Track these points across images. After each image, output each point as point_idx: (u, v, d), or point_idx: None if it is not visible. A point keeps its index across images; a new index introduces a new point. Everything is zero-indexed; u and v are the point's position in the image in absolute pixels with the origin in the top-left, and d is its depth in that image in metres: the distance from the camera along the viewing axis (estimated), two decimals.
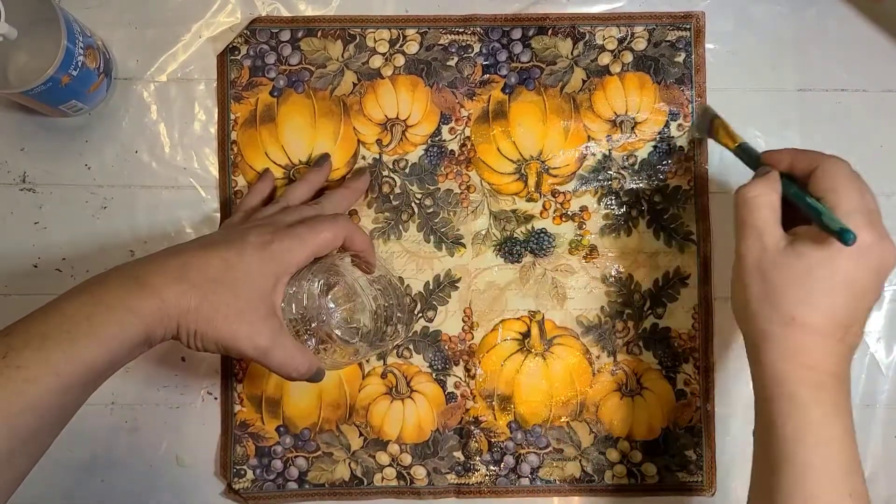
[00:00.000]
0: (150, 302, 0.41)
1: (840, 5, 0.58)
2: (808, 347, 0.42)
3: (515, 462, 0.57)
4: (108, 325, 0.39)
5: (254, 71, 0.57)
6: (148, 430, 0.57)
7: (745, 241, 0.45)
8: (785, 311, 0.42)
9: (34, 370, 0.37)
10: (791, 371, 0.42)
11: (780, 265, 0.43)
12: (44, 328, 0.39)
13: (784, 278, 0.42)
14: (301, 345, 0.47)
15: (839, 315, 0.42)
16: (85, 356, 0.39)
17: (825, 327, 0.42)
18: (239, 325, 0.43)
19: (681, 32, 0.57)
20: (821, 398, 0.41)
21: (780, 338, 0.42)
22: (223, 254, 0.44)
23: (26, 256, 0.57)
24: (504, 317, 0.57)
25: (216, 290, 0.43)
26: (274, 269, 0.45)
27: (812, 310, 0.42)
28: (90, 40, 0.52)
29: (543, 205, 0.57)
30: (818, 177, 0.44)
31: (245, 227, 0.48)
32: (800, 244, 0.43)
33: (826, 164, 0.44)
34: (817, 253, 0.42)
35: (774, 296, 0.43)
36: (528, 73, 0.57)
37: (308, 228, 0.48)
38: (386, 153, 0.57)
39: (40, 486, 0.56)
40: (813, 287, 0.42)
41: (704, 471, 0.57)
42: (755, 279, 0.44)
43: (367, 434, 0.57)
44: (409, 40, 0.57)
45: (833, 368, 0.42)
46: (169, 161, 0.57)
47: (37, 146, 0.57)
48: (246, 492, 0.57)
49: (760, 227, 0.44)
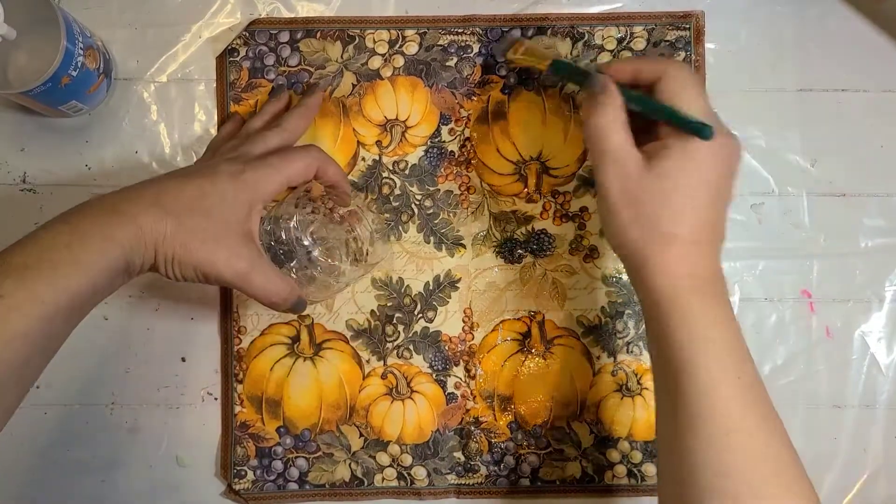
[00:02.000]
0: (128, 229, 0.41)
1: (840, 5, 0.58)
2: (686, 257, 0.43)
3: (516, 462, 0.57)
4: (89, 252, 0.39)
5: (253, 72, 0.57)
6: (148, 430, 0.57)
7: (605, 170, 0.45)
8: (661, 230, 0.43)
9: (18, 299, 0.37)
10: (674, 283, 0.43)
11: (643, 188, 0.43)
12: (24, 258, 0.38)
13: (651, 199, 0.43)
14: (280, 271, 0.47)
15: (707, 219, 0.44)
16: (68, 284, 0.39)
17: (698, 235, 0.43)
18: (216, 249, 0.43)
19: (680, 32, 0.57)
20: (703, 300, 0.43)
21: (659, 256, 0.43)
22: (197, 181, 0.45)
23: None
24: (504, 317, 0.57)
25: (191, 216, 0.43)
26: (248, 196, 0.45)
27: (683, 222, 0.43)
28: (90, 41, 0.52)
29: (543, 206, 0.57)
30: (665, 83, 0.45)
31: (216, 160, 0.48)
32: (658, 162, 0.43)
33: (672, 69, 0.45)
34: (676, 165, 0.43)
35: (646, 218, 0.43)
36: (528, 73, 0.57)
37: (280, 158, 0.48)
38: (386, 154, 0.57)
39: (40, 486, 0.57)
40: (681, 201, 0.43)
41: None
42: (623, 206, 0.44)
43: (368, 435, 0.57)
44: (408, 41, 0.57)
45: (708, 270, 0.44)
46: (169, 161, 0.57)
47: (37, 146, 0.57)
48: (246, 492, 0.57)
49: (617, 152, 0.44)
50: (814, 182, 0.58)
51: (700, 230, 0.43)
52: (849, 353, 0.57)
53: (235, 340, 0.57)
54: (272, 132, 0.51)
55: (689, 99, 0.44)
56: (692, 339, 0.42)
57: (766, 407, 0.42)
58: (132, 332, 0.57)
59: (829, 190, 0.58)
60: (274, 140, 0.50)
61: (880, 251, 0.57)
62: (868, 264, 0.57)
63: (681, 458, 0.42)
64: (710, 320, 0.43)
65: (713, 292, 0.44)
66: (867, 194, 0.57)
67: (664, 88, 0.45)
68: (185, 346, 0.57)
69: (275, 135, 0.51)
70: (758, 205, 0.58)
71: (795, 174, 0.58)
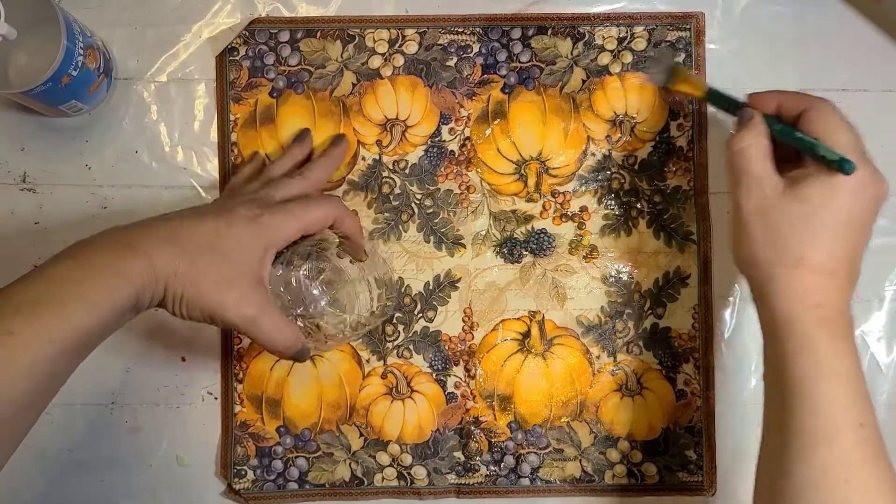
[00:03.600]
0: (140, 265, 0.40)
1: (841, 5, 0.58)
2: (817, 286, 0.43)
3: (516, 462, 0.57)
4: (99, 289, 0.39)
5: (253, 72, 0.57)
6: (148, 430, 0.57)
7: (743, 190, 0.45)
8: (792, 253, 0.43)
9: (26, 336, 0.37)
10: (801, 311, 0.43)
11: (782, 210, 0.43)
12: (34, 294, 0.38)
13: (788, 222, 0.43)
14: (287, 319, 0.47)
15: (843, 252, 0.43)
16: (77, 321, 0.38)
17: (831, 265, 0.43)
18: (227, 292, 0.43)
19: (681, 33, 0.57)
20: (830, 334, 0.42)
21: (788, 280, 0.43)
22: (213, 222, 0.44)
23: (26, 256, 0.57)
24: (504, 317, 0.57)
25: (204, 256, 0.43)
26: (263, 241, 0.45)
27: (818, 250, 0.43)
28: (90, 40, 0.52)
29: (543, 205, 0.57)
30: (809, 117, 0.45)
31: (234, 202, 0.48)
32: (799, 187, 0.43)
33: (816, 105, 0.45)
34: (818, 193, 0.43)
35: (780, 240, 0.43)
36: (528, 72, 0.57)
37: (299, 205, 0.48)
38: (386, 154, 0.57)
39: (40, 487, 0.57)
40: (817, 227, 0.43)
41: (705, 471, 0.57)
42: (758, 226, 0.44)
43: (368, 434, 0.57)
44: (408, 40, 0.57)
45: (840, 305, 0.43)
46: (169, 161, 0.57)
47: (37, 146, 0.57)
48: (246, 492, 0.57)
49: (758, 174, 0.45)
50: None
51: (836, 262, 0.43)
52: None
53: (235, 340, 0.57)
54: (294, 180, 0.51)
55: (833, 133, 0.44)
56: (814, 370, 0.41)
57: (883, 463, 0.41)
58: (132, 332, 0.57)
59: None
60: (296, 188, 0.50)
61: (880, 251, 0.57)
62: (868, 264, 0.57)
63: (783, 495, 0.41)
64: (834, 353, 0.42)
65: (841, 327, 0.43)
66: None
67: (809, 120, 0.45)
68: (185, 345, 0.57)
69: (297, 182, 0.51)
70: None
71: None
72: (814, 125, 0.45)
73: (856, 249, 0.44)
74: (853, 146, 0.44)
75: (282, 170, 0.54)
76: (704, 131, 0.57)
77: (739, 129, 0.47)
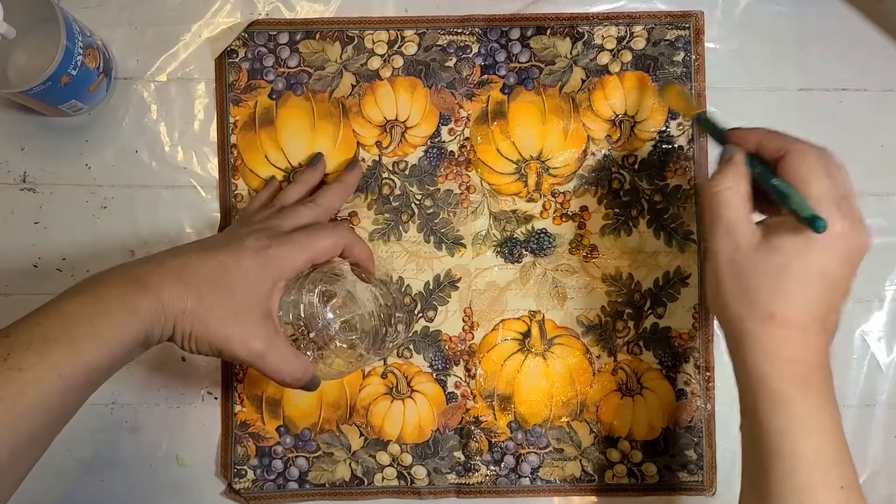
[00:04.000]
0: (150, 302, 0.41)
1: (840, 5, 0.58)
2: (789, 342, 0.41)
3: (516, 462, 0.57)
4: (110, 326, 0.39)
5: (252, 74, 0.57)
6: (148, 430, 0.57)
7: (717, 238, 0.44)
8: (762, 308, 0.42)
9: (37, 372, 0.37)
10: (773, 367, 0.41)
11: (754, 262, 0.42)
12: (45, 329, 0.38)
13: (759, 275, 0.42)
14: (296, 350, 0.47)
15: (816, 307, 0.41)
16: (87, 358, 0.39)
17: (803, 320, 0.41)
18: (233, 327, 0.43)
19: (680, 31, 0.57)
20: (805, 391, 0.41)
21: (760, 335, 0.42)
22: (221, 256, 0.45)
23: (26, 256, 0.57)
24: (504, 317, 0.57)
25: (212, 292, 0.43)
26: (271, 273, 0.45)
27: (789, 305, 0.41)
28: (90, 40, 0.52)
29: (543, 205, 0.57)
30: (787, 162, 0.43)
31: (243, 232, 0.48)
32: (772, 238, 0.42)
33: (795, 149, 0.43)
34: (790, 246, 0.41)
35: (750, 293, 0.42)
36: (527, 72, 0.57)
37: (307, 235, 0.48)
38: (385, 155, 0.57)
39: (40, 487, 0.57)
40: (789, 282, 0.41)
41: (705, 470, 0.57)
42: (730, 277, 0.43)
43: (368, 434, 0.57)
44: (407, 41, 0.57)
45: (814, 360, 0.42)
46: (169, 161, 0.57)
47: (37, 146, 0.57)
48: (246, 492, 0.57)
49: (732, 221, 0.43)
50: None
51: (809, 318, 0.41)
52: (849, 353, 0.57)
53: None
54: (306, 208, 0.51)
55: (810, 181, 0.41)
56: (790, 427, 0.40)
57: None
58: None
59: None
60: (306, 216, 0.50)
61: (880, 250, 0.57)
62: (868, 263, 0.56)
63: None
64: (809, 410, 0.41)
65: (816, 382, 0.41)
66: (867, 193, 0.57)
67: (787, 166, 0.42)
68: None
69: (308, 210, 0.51)
70: None
71: None
72: (791, 171, 0.42)
73: (831, 304, 0.42)
74: (830, 197, 0.41)
75: (294, 196, 0.53)
76: (704, 131, 0.57)
77: (719, 168, 0.45)
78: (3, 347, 0.37)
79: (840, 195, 0.42)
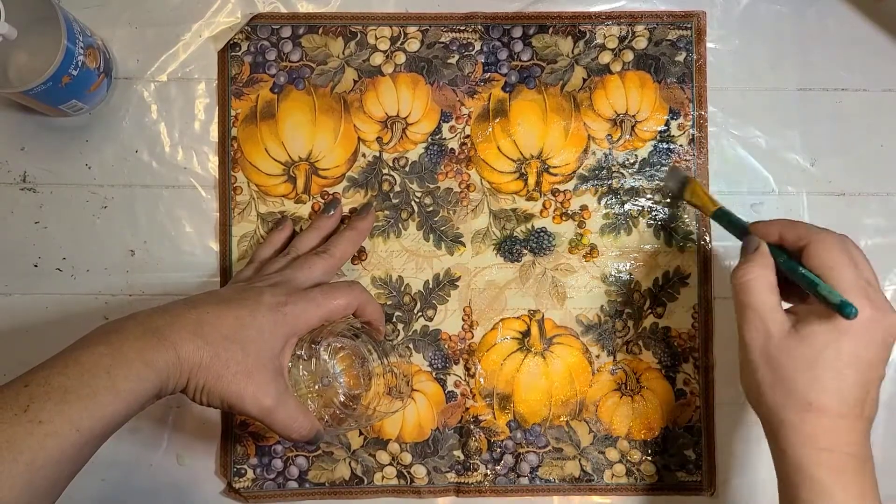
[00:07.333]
0: (167, 356, 0.41)
1: (840, 5, 0.58)
2: (827, 430, 0.42)
3: (515, 461, 0.57)
4: (127, 378, 0.40)
5: (255, 67, 0.57)
6: (148, 429, 0.57)
7: (748, 327, 0.44)
8: (799, 397, 0.42)
9: (56, 425, 0.37)
10: (811, 455, 0.42)
11: (787, 351, 0.42)
12: (64, 380, 0.39)
13: (793, 364, 0.42)
14: (303, 406, 0.48)
15: (852, 393, 0.42)
16: (104, 411, 0.39)
17: (840, 408, 0.42)
18: (246, 384, 0.44)
19: (681, 31, 0.57)
20: (842, 479, 0.41)
21: (798, 423, 0.42)
22: (237, 312, 0.45)
23: (26, 256, 0.57)
24: (504, 316, 0.57)
25: (228, 348, 0.44)
26: (285, 330, 0.46)
27: (825, 393, 0.41)
28: (90, 40, 0.52)
29: (543, 204, 0.57)
30: (811, 251, 0.43)
31: (260, 286, 0.48)
32: (803, 326, 0.42)
33: (817, 240, 0.44)
34: (822, 335, 0.42)
35: (786, 382, 0.42)
36: (529, 71, 0.57)
37: (323, 294, 0.49)
38: (386, 151, 0.57)
39: None
40: (823, 370, 0.41)
41: (704, 470, 0.57)
42: (763, 366, 0.43)
43: (368, 433, 0.57)
44: (410, 38, 0.57)
45: (853, 448, 0.42)
46: (169, 160, 0.57)
47: (37, 146, 0.57)
48: (246, 491, 0.57)
49: (762, 311, 0.44)
50: (813, 181, 0.58)
51: (845, 405, 0.42)
52: None
53: None
54: (319, 259, 0.52)
55: (836, 269, 0.42)
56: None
57: None
58: None
59: (828, 189, 0.58)
60: (320, 268, 0.51)
61: (880, 250, 0.57)
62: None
63: None
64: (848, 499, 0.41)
65: (855, 471, 0.41)
66: (867, 193, 0.57)
67: (812, 255, 0.43)
68: None
69: (321, 262, 0.51)
70: (757, 204, 0.58)
71: (795, 173, 0.58)
72: (815, 260, 0.43)
73: (867, 388, 0.42)
74: (857, 285, 0.42)
75: (309, 244, 0.54)
76: (704, 131, 0.57)
77: (744, 258, 0.46)
78: (24, 398, 0.38)
79: (865, 281, 0.42)
